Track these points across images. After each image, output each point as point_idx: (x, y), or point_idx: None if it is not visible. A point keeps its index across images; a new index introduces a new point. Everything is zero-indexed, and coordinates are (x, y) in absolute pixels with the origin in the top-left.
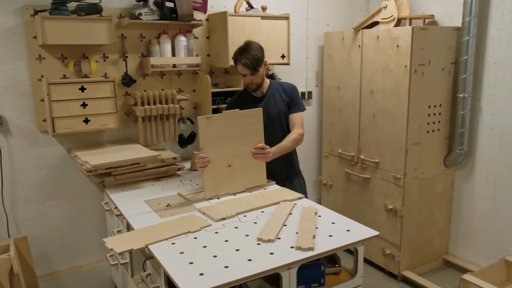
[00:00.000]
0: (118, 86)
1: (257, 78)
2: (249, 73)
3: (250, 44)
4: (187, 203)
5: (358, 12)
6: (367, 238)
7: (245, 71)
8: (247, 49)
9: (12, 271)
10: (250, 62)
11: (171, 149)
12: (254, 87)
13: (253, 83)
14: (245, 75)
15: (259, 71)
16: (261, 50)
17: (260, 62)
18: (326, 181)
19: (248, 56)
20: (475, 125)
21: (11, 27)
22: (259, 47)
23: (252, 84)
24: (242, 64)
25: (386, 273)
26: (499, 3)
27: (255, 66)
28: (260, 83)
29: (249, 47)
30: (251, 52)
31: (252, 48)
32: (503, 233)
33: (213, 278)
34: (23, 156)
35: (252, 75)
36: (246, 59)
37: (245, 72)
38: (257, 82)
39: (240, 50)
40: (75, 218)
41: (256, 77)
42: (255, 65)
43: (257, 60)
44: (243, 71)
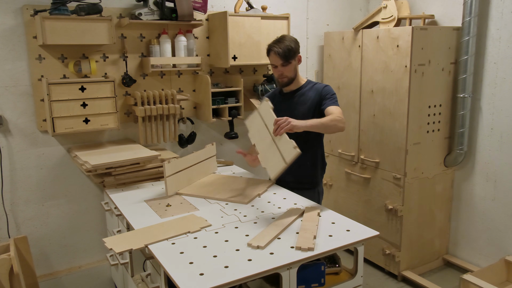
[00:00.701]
0: (118, 86)
1: (288, 71)
2: (280, 64)
3: (285, 36)
4: (187, 203)
5: (358, 12)
6: (367, 238)
7: (276, 61)
8: (281, 39)
9: (12, 271)
10: (283, 51)
11: (171, 149)
12: (285, 81)
13: (284, 76)
14: (276, 66)
15: (291, 63)
16: (296, 42)
17: (293, 53)
18: (326, 181)
19: (281, 45)
20: (475, 125)
21: (11, 27)
22: (294, 39)
23: (283, 77)
24: (274, 52)
25: (386, 273)
26: (499, 3)
27: (287, 56)
28: (292, 78)
29: (284, 38)
30: (285, 42)
31: (287, 39)
32: (503, 233)
33: (213, 278)
34: (23, 156)
35: (283, 66)
36: (279, 47)
37: (276, 62)
38: (287, 76)
39: (275, 40)
40: (75, 218)
41: (287, 69)
42: (287, 55)
43: (290, 51)
44: (275, 60)
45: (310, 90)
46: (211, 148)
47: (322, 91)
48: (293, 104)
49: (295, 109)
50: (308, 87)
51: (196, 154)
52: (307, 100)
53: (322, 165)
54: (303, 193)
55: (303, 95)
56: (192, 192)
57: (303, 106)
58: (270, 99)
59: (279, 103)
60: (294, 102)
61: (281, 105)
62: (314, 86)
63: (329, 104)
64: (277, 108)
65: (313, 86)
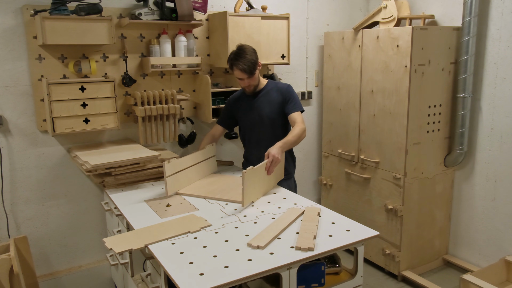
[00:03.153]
0: (118, 86)
1: (254, 80)
2: (246, 77)
3: (244, 48)
4: (187, 203)
5: (358, 12)
6: (367, 238)
7: (242, 76)
8: (241, 53)
9: (12, 271)
10: (248, 67)
11: (171, 149)
12: (252, 89)
13: (251, 85)
14: (242, 79)
15: (255, 74)
16: (255, 53)
17: (255, 65)
18: (326, 181)
19: (245, 61)
20: (475, 125)
21: (11, 27)
22: (252, 50)
23: (250, 87)
24: (240, 70)
25: (386, 273)
26: (499, 3)
27: (252, 70)
28: (257, 85)
29: (243, 51)
30: (246, 56)
31: (247, 52)
32: (503, 233)
33: (213, 278)
34: (23, 156)
35: (249, 78)
36: (243, 64)
37: (242, 77)
38: (254, 84)
39: (235, 55)
40: (75, 218)
41: (253, 79)
42: (252, 69)
43: (253, 64)
44: (241, 75)
45: (273, 90)
46: (211, 148)
47: (285, 92)
48: (257, 104)
49: (262, 109)
50: (269, 87)
51: (196, 154)
52: (271, 101)
53: (292, 157)
54: (282, 183)
55: (266, 95)
56: (192, 192)
57: (268, 107)
58: (236, 101)
59: (245, 104)
60: (259, 102)
61: (247, 106)
62: (277, 86)
63: (292, 109)
64: (244, 108)
65: (276, 86)
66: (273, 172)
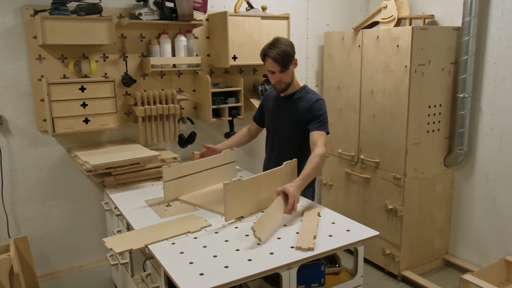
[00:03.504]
0: (118, 86)
1: (286, 76)
2: (278, 70)
3: (280, 39)
4: (187, 203)
5: (358, 12)
6: (367, 238)
7: (274, 67)
8: (276, 43)
9: (12, 271)
10: (281, 57)
11: (171, 149)
12: (283, 87)
13: (282, 82)
14: (273, 72)
15: (289, 69)
16: (291, 46)
17: (290, 58)
18: (326, 181)
19: (278, 51)
20: (475, 125)
21: (11, 27)
22: (289, 43)
23: (281, 84)
24: (272, 58)
25: (386, 273)
26: (499, 3)
27: (285, 62)
28: (289, 83)
29: (279, 41)
30: (281, 46)
31: (282, 43)
32: (503, 233)
33: (213, 278)
34: (23, 156)
35: (281, 72)
36: (276, 53)
37: (274, 69)
38: (286, 82)
39: (270, 44)
40: (75, 218)
41: (285, 75)
42: (285, 60)
43: (287, 56)
44: (272, 67)
45: (302, 99)
46: (230, 153)
47: (312, 106)
48: (281, 109)
49: (283, 116)
50: (301, 94)
51: (211, 159)
52: (296, 110)
53: None
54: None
55: (294, 103)
56: (190, 200)
57: (290, 115)
58: (268, 96)
59: (273, 103)
60: (284, 107)
61: (273, 106)
62: (307, 96)
63: (315, 127)
64: (270, 107)
65: (306, 96)
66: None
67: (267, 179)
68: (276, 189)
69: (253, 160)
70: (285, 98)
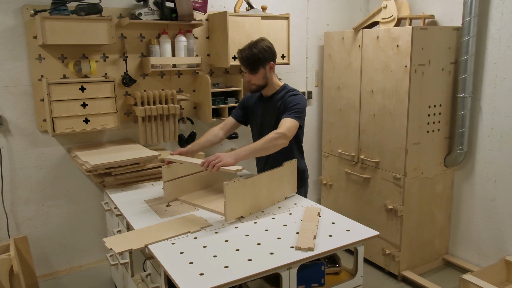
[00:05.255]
0: (118, 86)
1: (256, 79)
2: (247, 71)
3: (258, 42)
4: (187, 203)
5: (358, 12)
6: (367, 238)
7: (243, 68)
8: (251, 45)
9: (12, 271)
10: (247, 59)
11: (171, 149)
12: (253, 88)
13: (252, 83)
14: (245, 72)
15: (258, 72)
16: (267, 51)
17: (258, 62)
18: (326, 181)
19: (248, 53)
20: (475, 125)
21: (11, 27)
22: (267, 47)
23: (251, 84)
24: (239, 59)
25: (386, 273)
26: (499, 3)
27: (251, 65)
28: (261, 85)
29: (255, 44)
30: (253, 50)
31: (257, 46)
32: (503, 233)
33: (213, 278)
34: (23, 156)
35: (250, 74)
36: (245, 55)
37: (243, 69)
38: (256, 83)
39: (248, 44)
40: (75, 218)
41: (254, 77)
42: (251, 63)
43: (256, 60)
44: (242, 67)
45: (282, 98)
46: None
47: (286, 101)
48: (263, 110)
49: (265, 117)
50: (280, 94)
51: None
52: (277, 110)
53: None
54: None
55: (273, 103)
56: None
57: (272, 116)
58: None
59: (256, 104)
60: (265, 108)
61: (256, 107)
62: (285, 94)
63: (286, 116)
64: (253, 108)
65: (284, 95)
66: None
67: (267, 179)
68: None
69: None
70: (267, 99)
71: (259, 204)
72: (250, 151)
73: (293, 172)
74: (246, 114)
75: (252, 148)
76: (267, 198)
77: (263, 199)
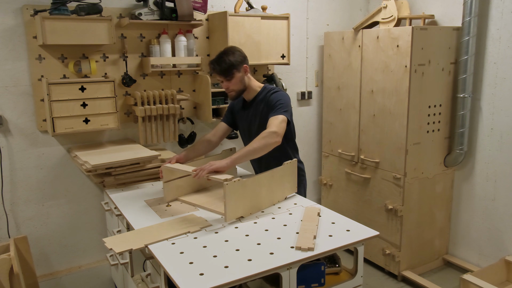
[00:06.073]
0: (118, 86)
1: (233, 84)
2: (223, 79)
3: (227, 49)
4: (187, 203)
5: (358, 12)
6: (367, 238)
7: (218, 77)
8: (221, 54)
9: (12, 271)
10: (221, 68)
11: (171, 149)
12: (233, 95)
13: (230, 89)
14: (222, 81)
15: (234, 77)
16: (238, 54)
17: (234, 68)
18: (326, 181)
19: (219, 61)
20: (475, 125)
21: (11, 27)
22: (237, 51)
23: (230, 91)
24: (212, 69)
25: (386, 273)
26: (499, 3)
27: (226, 72)
28: (240, 90)
29: (225, 52)
30: (223, 56)
31: (227, 52)
32: (503, 233)
33: (213, 278)
34: (23, 156)
35: (227, 81)
36: (216, 64)
37: (219, 78)
38: (234, 89)
39: (216, 56)
40: (75, 218)
41: (232, 83)
42: (226, 70)
43: (229, 66)
44: (218, 77)
45: (264, 99)
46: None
47: (268, 101)
48: (248, 115)
49: (251, 122)
50: (262, 95)
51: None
52: (261, 112)
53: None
54: None
55: (256, 106)
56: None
57: (258, 118)
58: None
59: (243, 109)
60: (249, 113)
61: (242, 113)
62: (266, 95)
63: (272, 114)
64: (239, 113)
65: (265, 96)
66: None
67: (267, 179)
68: None
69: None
70: (250, 103)
71: (259, 204)
72: (243, 154)
73: (293, 172)
74: (234, 118)
75: (245, 151)
76: (267, 198)
77: (263, 199)
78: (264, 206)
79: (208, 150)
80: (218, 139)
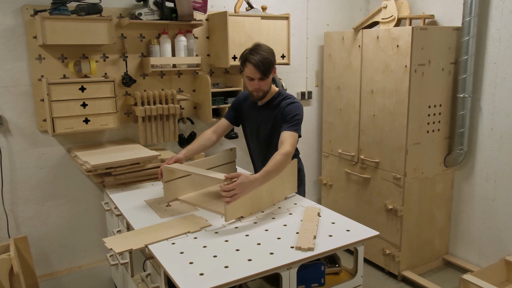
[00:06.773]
0: (118, 86)
1: (265, 85)
2: (258, 77)
3: (262, 45)
4: (187, 203)
5: (358, 12)
6: (367, 238)
7: (254, 74)
8: (258, 49)
9: (12, 271)
10: (262, 64)
11: (171, 149)
12: (260, 95)
13: (260, 90)
14: (253, 79)
15: (269, 77)
16: (273, 54)
17: (271, 66)
18: (326, 181)
19: (260, 57)
20: (475, 125)
21: (11, 27)
22: (271, 50)
23: (259, 91)
24: (253, 65)
25: (386, 273)
26: (499, 3)
27: (266, 70)
28: (267, 92)
29: (261, 48)
30: (263, 53)
31: (264, 49)
32: (503, 233)
33: (213, 278)
34: (23, 156)
35: (261, 80)
36: (258, 59)
37: (254, 76)
38: (264, 90)
39: (251, 49)
40: (75, 218)
41: (264, 83)
42: (266, 68)
43: (269, 64)
44: (252, 73)
45: (278, 105)
46: (230, 153)
47: (284, 110)
48: (258, 116)
49: (260, 123)
50: (277, 100)
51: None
52: (274, 117)
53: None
54: None
55: (270, 109)
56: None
57: (266, 122)
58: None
59: (250, 109)
60: (261, 114)
61: (251, 112)
62: (281, 101)
63: (285, 128)
64: (247, 112)
65: (280, 101)
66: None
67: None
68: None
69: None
70: (263, 106)
71: (259, 204)
72: (267, 176)
73: (293, 172)
74: (238, 116)
75: (267, 173)
76: (267, 198)
77: (263, 199)
78: (264, 206)
79: (206, 148)
80: (218, 136)
